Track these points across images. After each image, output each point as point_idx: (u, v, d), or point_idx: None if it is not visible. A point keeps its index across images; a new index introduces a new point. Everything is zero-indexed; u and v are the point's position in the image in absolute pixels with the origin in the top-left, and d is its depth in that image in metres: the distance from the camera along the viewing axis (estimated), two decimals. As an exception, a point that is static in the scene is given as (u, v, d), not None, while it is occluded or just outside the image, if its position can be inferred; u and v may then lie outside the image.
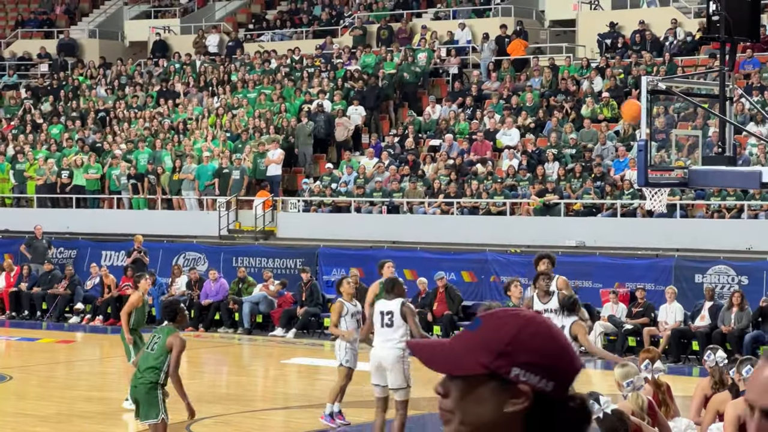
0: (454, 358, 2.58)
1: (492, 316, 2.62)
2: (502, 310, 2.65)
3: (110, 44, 43.70)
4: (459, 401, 2.56)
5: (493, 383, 2.53)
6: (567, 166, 28.41)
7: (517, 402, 2.52)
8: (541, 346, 2.57)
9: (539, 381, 2.53)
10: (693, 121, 25.54)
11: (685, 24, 33.42)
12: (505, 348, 2.55)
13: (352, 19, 39.61)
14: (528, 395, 2.52)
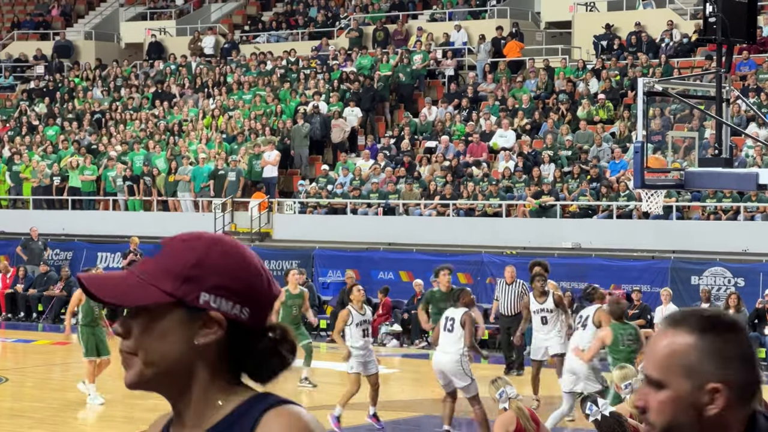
0: (131, 287, 2.31)
1: (174, 240, 2.38)
2: (186, 233, 2.40)
3: (106, 46, 43.67)
4: (141, 339, 2.27)
5: (180, 313, 2.27)
6: (563, 168, 28.42)
7: (209, 332, 2.27)
8: (234, 267, 2.33)
9: (233, 307, 2.28)
10: (689, 123, 25.53)
11: (681, 26, 33.42)
12: (191, 271, 2.31)
13: (347, 20, 39.60)
14: (221, 323, 2.27)
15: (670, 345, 2.50)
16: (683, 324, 2.51)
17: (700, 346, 2.48)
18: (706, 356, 2.48)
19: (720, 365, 2.47)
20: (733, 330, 2.50)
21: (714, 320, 2.52)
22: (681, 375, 2.47)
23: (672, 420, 2.49)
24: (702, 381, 2.47)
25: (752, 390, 2.51)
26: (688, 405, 2.47)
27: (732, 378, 2.47)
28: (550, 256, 25.94)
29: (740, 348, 2.50)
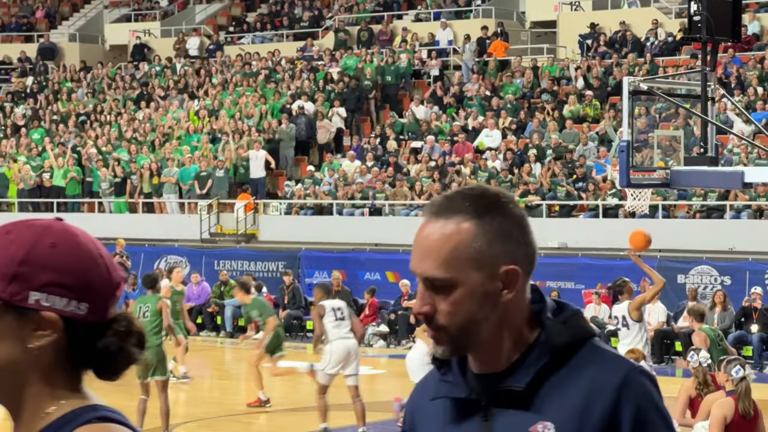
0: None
1: (0, 231, 2.12)
2: (10, 223, 2.14)
3: (90, 48, 43.56)
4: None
5: (10, 316, 2.07)
6: (548, 162, 28.34)
7: (43, 334, 2.08)
8: (66, 259, 2.10)
9: (68, 304, 2.09)
10: (675, 122, 25.54)
11: (666, 24, 33.45)
12: (18, 269, 2.07)
13: (332, 21, 39.56)
14: (56, 324, 2.08)
15: (450, 238, 2.34)
16: (455, 211, 2.36)
17: (483, 229, 2.35)
18: (493, 239, 2.35)
19: (506, 246, 2.36)
20: (503, 204, 2.39)
21: (485, 198, 2.39)
22: (471, 267, 2.33)
23: (469, 318, 2.36)
24: (494, 267, 2.35)
25: (534, 263, 2.44)
26: (484, 296, 2.35)
27: (521, 254, 2.38)
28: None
29: (515, 219, 2.39)
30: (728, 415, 9.50)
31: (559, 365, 2.40)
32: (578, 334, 2.44)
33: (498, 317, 2.38)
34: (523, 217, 2.42)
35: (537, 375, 2.38)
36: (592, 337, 2.45)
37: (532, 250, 2.42)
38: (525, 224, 2.41)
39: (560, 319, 2.44)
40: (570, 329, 2.43)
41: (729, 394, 9.64)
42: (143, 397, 14.75)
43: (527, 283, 2.42)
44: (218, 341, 26.85)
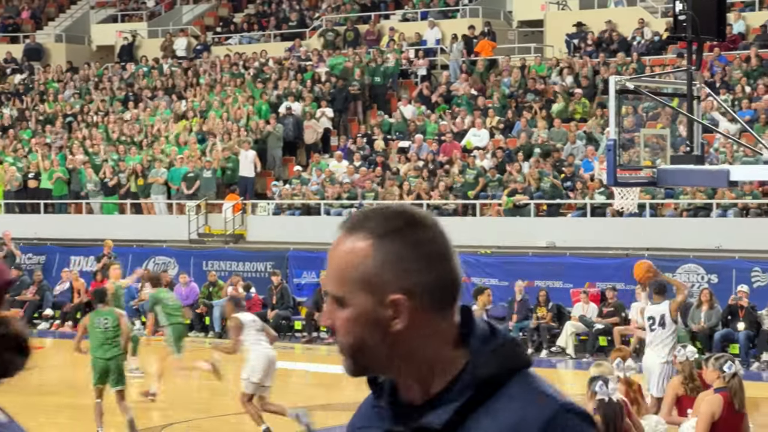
0: None
1: None
2: None
3: (77, 48, 43.49)
4: None
5: None
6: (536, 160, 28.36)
7: None
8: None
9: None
10: (662, 120, 25.59)
11: (652, 24, 33.54)
12: None
13: (320, 21, 39.56)
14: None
15: (347, 255, 2.26)
16: (360, 228, 2.27)
17: (377, 252, 2.23)
18: (384, 264, 2.23)
19: (399, 273, 2.22)
20: (415, 228, 2.25)
21: (393, 220, 2.26)
22: (360, 289, 2.23)
23: (358, 340, 2.26)
24: (383, 294, 2.22)
25: (450, 293, 2.27)
26: (372, 322, 2.24)
27: (416, 285, 2.23)
28: (524, 254, 26.02)
29: (426, 248, 2.24)
30: (716, 411, 9.54)
31: (484, 399, 2.25)
32: (507, 364, 2.27)
33: (392, 346, 2.26)
34: (431, 243, 2.26)
35: (459, 410, 2.24)
36: (525, 367, 2.29)
37: (442, 279, 2.26)
38: (432, 251, 2.25)
39: (490, 347, 2.28)
40: (498, 359, 2.27)
41: (718, 391, 9.67)
42: (98, 401, 15.08)
43: (436, 315, 2.26)
44: (207, 342, 26.83)
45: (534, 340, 24.30)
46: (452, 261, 2.28)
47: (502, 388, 2.25)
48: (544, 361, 23.65)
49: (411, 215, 2.28)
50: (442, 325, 2.27)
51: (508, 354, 2.28)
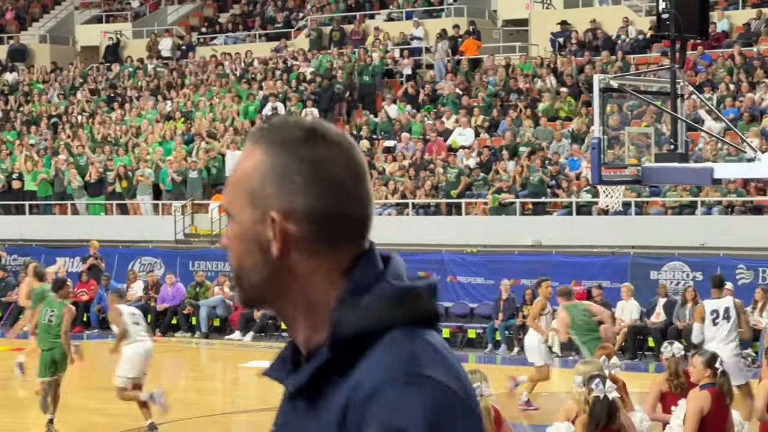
0: None
1: None
2: None
3: (61, 49, 43.42)
4: None
5: None
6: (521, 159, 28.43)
7: None
8: None
9: None
10: (646, 119, 25.67)
11: (636, 22, 33.64)
12: None
13: (305, 21, 39.58)
14: None
15: (238, 166, 2.06)
16: (261, 138, 2.05)
17: (265, 163, 2.01)
18: (269, 176, 2.01)
19: (283, 189, 2.00)
20: (314, 144, 2.03)
21: (293, 130, 2.04)
22: (246, 203, 2.03)
23: (239, 260, 2.05)
24: (264, 210, 2.01)
25: (344, 229, 2.02)
26: (252, 241, 2.02)
27: (298, 207, 2.00)
28: (510, 253, 26.06)
29: (320, 169, 2.01)
30: (705, 407, 9.59)
31: (345, 362, 1.96)
32: (370, 322, 1.96)
33: (271, 274, 2.03)
34: (329, 166, 2.02)
35: (313, 375, 1.98)
36: (395, 327, 1.96)
37: (334, 210, 2.01)
38: (327, 175, 2.01)
39: (361, 300, 1.97)
40: (361, 316, 1.96)
41: (705, 387, 9.72)
42: (44, 393, 15.69)
43: (322, 247, 2.01)
44: (193, 342, 26.85)
45: (520, 339, 24.33)
46: (353, 193, 2.03)
47: (366, 351, 1.95)
48: (531, 359, 23.69)
49: (314, 128, 2.05)
50: (328, 264, 2.01)
51: (377, 309, 1.97)
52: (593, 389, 8.96)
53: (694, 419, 9.55)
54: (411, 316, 1.99)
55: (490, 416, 9.74)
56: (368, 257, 2.05)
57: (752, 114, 27.41)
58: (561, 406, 10.03)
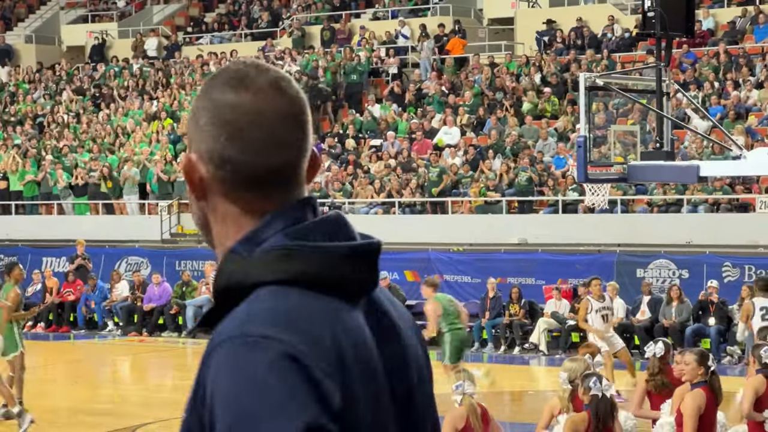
0: None
1: None
2: None
3: (47, 49, 43.33)
4: None
5: None
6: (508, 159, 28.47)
7: None
8: None
9: None
10: (632, 117, 25.72)
11: (622, 20, 33.69)
12: None
13: (291, 20, 39.56)
14: None
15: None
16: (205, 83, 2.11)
17: (192, 108, 2.06)
18: (191, 120, 2.05)
19: (197, 132, 2.03)
20: (227, 88, 2.02)
21: (220, 74, 2.05)
22: (189, 139, 2.07)
23: (192, 205, 2.11)
24: (189, 151, 2.05)
25: (247, 173, 1.99)
26: (188, 181, 2.05)
27: (205, 150, 2.01)
28: (496, 251, 26.09)
29: (226, 113, 2.00)
30: (702, 405, 9.61)
31: (220, 313, 1.95)
32: (240, 276, 1.95)
33: (198, 214, 2.09)
34: (235, 111, 1.99)
35: (200, 323, 1.98)
36: (268, 284, 1.92)
37: (233, 157, 1.99)
38: (231, 120, 1.99)
39: (243, 254, 1.96)
40: (235, 269, 1.96)
41: (697, 386, 9.72)
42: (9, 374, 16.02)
43: (234, 195, 2.01)
44: (180, 341, 26.81)
45: (507, 337, 24.38)
46: (254, 140, 1.99)
47: (240, 304, 1.93)
48: (517, 357, 23.75)
49: (243, 73, 2.02)
50: (239, 210, 2.02)
51: (255, 266, 1.94)
52: (591, 388, 8.96)
53: (693, 418, 9.53)
54: (284, 276, 1.94)
55: (476, 414, 9.76)
56: (285, 210, 2.02)
57: (738, 112, 27.48)
58: (546, 404, 10.04)
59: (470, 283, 25.87)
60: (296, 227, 2.00)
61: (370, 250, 2.08)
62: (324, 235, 2.01)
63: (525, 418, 15.79)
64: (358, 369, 1.93)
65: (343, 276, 1.99)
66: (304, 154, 2.05)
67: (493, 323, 24.35)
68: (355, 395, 1.91)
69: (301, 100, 2.07)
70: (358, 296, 2.02)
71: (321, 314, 1.93)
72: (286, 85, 2.05)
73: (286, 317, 1.89)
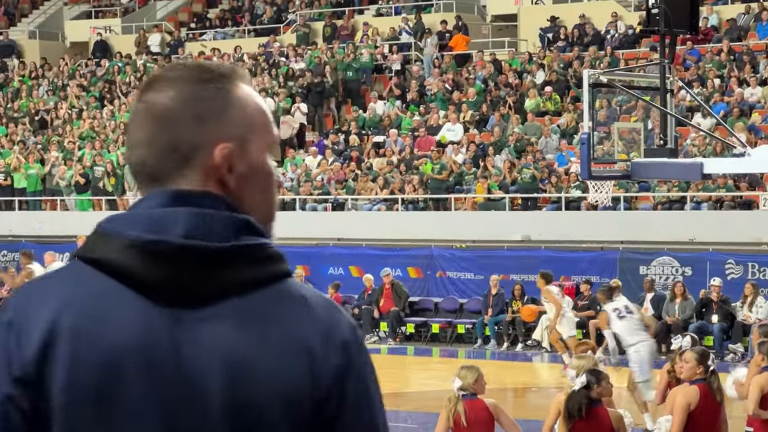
0: None
1: None
2: None
3: (51, 45, 43.32)
4: None
5: None
6: (512, 157, 28.46)
7: None
8: None
9: None
10: (636, 114, 25.71)
11: (625, 17, 33.65)
12: None
13: (294, 16, 39.54)
14: None
15: None
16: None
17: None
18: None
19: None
20: (143, 89, 2.10)
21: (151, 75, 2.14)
22: None
23: None
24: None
25: (134, 172, 2.09)
26: None
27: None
28: (499, 248, 26.08)
29: (136, 113, 2.09)
30: (692, 402, 9.59)
31: None
32: (74, 252, 2.10)
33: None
34: (136, 112, 2.09)
35: None
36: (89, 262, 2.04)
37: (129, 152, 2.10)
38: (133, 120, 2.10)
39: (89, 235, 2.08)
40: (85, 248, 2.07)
41: (694, 383, 9.73)
42: None
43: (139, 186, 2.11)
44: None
45: (510, 334, 24.38)
46: (130, 136, 2.09)
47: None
48: (520, 354, 23.74)
49: (154, 77, 2.11)
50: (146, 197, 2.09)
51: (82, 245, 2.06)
52: (572, 384, 9.03)
53: (681, 413, 9.56)
54: (79, 252, 2.05)
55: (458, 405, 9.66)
56: (143, 200, 2.07)
57: (741, 109, 27.45)
58: (553, 400, 10.03)
59: (473, 279, 25.87)
60: (123, 212, 2.06)
61: (163, 249, 1.99)
62: (141, 225, 2.01)
63: (528, 415, 15.78)
64: (85, 355, 1.95)
65: (127, 266, 1.99)
66: (159, 149, 2.06)
67: (496, 320, 24.34)
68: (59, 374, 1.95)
69: (169, 98, 2.07)
70: (164, 292, 1.99)
71: (66, 293, 2.00)
72: (159, 85, 2.09)
73: (30, 289, 2.03)
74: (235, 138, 2.07)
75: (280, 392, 1.99)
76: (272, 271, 2.04)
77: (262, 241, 2.04)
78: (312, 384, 2.01)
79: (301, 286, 2.07)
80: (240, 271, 2.01)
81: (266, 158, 2.12)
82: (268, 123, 2.14)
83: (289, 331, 2.02)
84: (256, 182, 2.09)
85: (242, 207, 2.06)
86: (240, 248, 2.00)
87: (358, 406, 2.04)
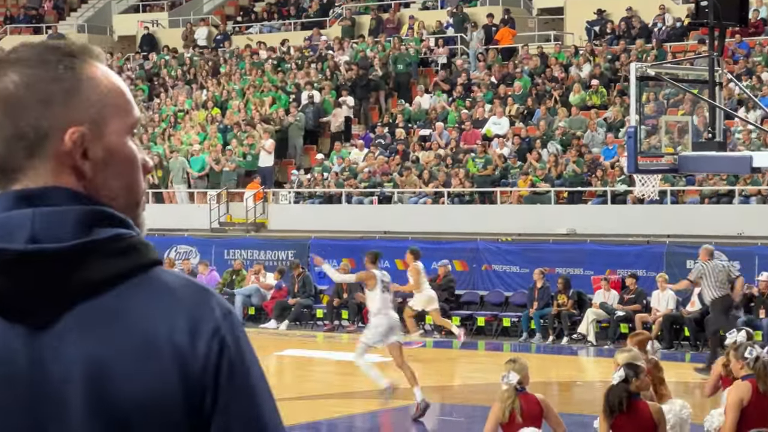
0: None
1: None
2: None
3: (99, 39, 43.61)
4: None
5: None
6: (557, 152, 28.39)
7: None
8: None
9: None
10: (683, 107, 25.55)
11: (673, 10, 33.44)
12: None
13: (340, 9, 39.59)
14: None
15: None
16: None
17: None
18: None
19: None
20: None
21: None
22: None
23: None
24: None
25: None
26: None
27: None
28: (545, 242, 26.02)
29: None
30: (745, 398, 9.56)
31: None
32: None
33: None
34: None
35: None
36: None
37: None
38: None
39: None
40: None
41: (745, 378, 9.71)
42: None
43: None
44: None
45: (555, 328, 24.32)
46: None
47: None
48: (566, 348, 23.68)
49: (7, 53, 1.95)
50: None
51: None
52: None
53: (734, 410, 9.53)
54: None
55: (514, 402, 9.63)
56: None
57: (790, 102, 27.21)
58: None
59: (518, 273, 25.81)
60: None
61: (7, 259, 1.83)
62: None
63: (573, 409, 15.74)
64: None
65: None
66: (6, 138, 1.90)
67: (541, 313, 24.28)
68: None
69: (12, 82, 1.91)
70: (12, 307, 1.83)
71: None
72: (0, 70, 1.94)
73: None
74: (88, 121, 1.91)
75: (144, 395, 1.82)
76: (133, 262, 1.88)
77: (119, 232, 1.88)
78: (180, 380, 1.84)
79: (168, 274, 1.91)
80: (95, 269, 1.85)
81: (126, 141, 1.96)
82: (127, 103, 1.97)
83: (146, 327, 1.85)
84: (115, 167, 1.93)
85: (100, 196, 1.91)
86: (91, 244, 1.85)
87: (238, 398, 1.88)
